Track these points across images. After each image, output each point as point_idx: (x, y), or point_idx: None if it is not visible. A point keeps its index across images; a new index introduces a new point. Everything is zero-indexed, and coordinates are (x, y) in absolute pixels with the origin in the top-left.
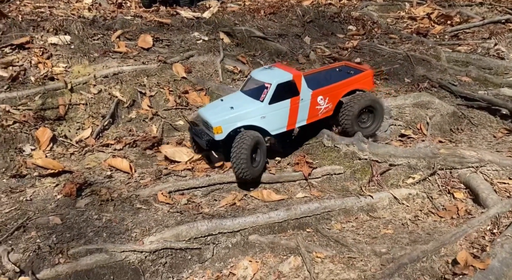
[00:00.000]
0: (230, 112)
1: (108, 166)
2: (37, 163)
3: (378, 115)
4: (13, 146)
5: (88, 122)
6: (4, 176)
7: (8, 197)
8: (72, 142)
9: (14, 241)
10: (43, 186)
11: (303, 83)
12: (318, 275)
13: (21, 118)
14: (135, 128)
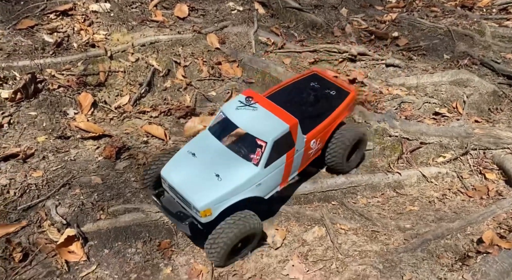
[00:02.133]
0: (219, 186)
1: (145, 132)
2: (79, 126)
3: (362, 148)
4: (58, 109)
5: (126, 90)
6: (51, 136)
7: (55, 156)
8: (111, 107)
9: (61, 196)
10: (85, 148)
11: (299, 131)
12: (341, 245)
13: (65, 83)
14: (169, 97)
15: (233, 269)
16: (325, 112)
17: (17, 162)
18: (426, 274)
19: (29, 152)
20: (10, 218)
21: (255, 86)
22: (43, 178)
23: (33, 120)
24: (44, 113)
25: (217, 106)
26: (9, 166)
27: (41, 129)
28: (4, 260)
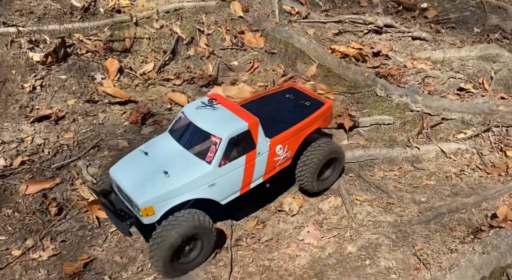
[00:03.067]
0: (165, 182)
1: (168, 99)
2: (107, 91)
3: (339, 166)
4: (86, 73)
5: (150, 57)
6: (80, 100)
7: (84, 119)
8: (137, 74)
9: (91, 157)
10: (112, 112)
11: (260, 131)
12: (356, 215)
13: (93, 48)
14: (192, 66)
15: (251, 232)
16: (295, 119)
17: (50, 123)
18: (437, 245)
19: (60, 114)
20: (45, 175)
21: (277, 57)
22: (74, 139)
23: (63, 84)
24: (73, 77)
25: (239, 76)
26: (42, 127)
27: (71, 93)
28: (41, 213)
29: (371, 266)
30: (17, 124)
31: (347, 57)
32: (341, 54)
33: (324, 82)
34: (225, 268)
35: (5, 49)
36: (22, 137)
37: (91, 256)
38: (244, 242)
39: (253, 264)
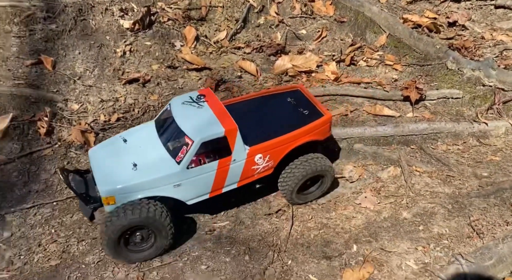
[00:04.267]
0: (131, 175)
1: (239, 67)
2: (185, 58)
3: (326, 181)
4: (168, 40)
5: (223, 25)
6: (162, 65)
7: (166, 83)
8: (211, 42)
9: None
10: (190, 78)
11: (238, 139)
12: (414, 185)
13: (173, 16)
14: (262, 34)
15: None
16: (285, 129)
17: (138, 85)
18: (494, 218)
19: (147, 78)
20: None
21: (346, 26)
22: (158, 101)
23: (148, 50)
24: (156, 44)
25: (306, 45)
26: (132, 88)
27: (155, 58)
28: None
29: (424, 231)
30: (112, 85)
31: (420, 27)
32: (413, 24)
33: (393, 53)
34: (286, 222)
35: (101, 16)
36: (117, 97)
37: None
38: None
39: (312, 220)
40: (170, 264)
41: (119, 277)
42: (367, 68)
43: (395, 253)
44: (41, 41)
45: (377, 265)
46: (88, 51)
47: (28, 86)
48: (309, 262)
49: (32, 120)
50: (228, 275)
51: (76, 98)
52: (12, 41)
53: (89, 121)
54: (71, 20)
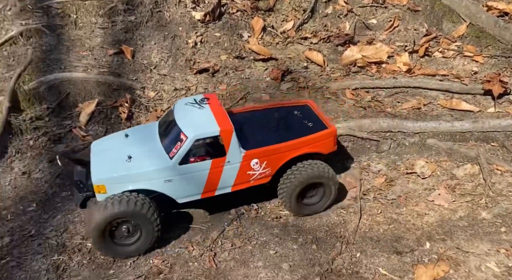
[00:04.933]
0: (123, 166)
1: (305, 57)
2: (252, 48)
3: (329, 192)
4: (236, 31)
5: (291, 15)
6: (230, 56)
7: (234, 73)
8: (278, 32)
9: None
10: (256, 68)
11: (234, 141)
12: (494, 184)
13: (242, 7)
14: (329, 24)
15: (379, 188)
16: (285, 138)
17: (208, 75)
18: None
19: (216, 68)
20: None
21: (420, 15)
22: (227, 91)
23: (217, 41)
24: (225, 34)
25: (376, 35)
26: (202, 78)
27: (223, 49)
28: None
29: (507, 234)
30: (184, 74)
31: (507, 15)
32: (499, 12)
33: (473, 44)
34: (354, 215)
35: (174, 8)
36: (189, 85)
37: None
38: (372, 195)
39: (381, 215)
40: (240, 247)
41: (194, 255)
42: (443, 60)
43: (474, 254)
44: (121, 32)
45: (453, 264)
46: (162, 41)
47: (111, 74)
48: (379, 255)
49: (115, 105)
50: (296, 261)
51: (153, 86)
52: (97, 32)
53: (164, 108)
54: (148, 12)
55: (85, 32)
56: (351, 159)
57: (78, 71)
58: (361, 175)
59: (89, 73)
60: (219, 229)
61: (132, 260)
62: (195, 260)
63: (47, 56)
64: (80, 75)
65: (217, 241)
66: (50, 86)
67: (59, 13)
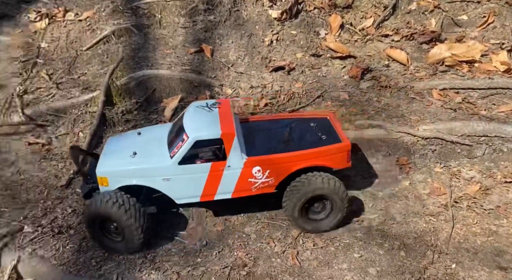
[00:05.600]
0: (127, 161)
1: (386, 55)
2: (329, 46)
3: (337, 208)
4: (312, 29)
5: (371, 12)
6: (306, 54)
7: (310, 71)
8: (356, 29)
9: (316, 105)
10: (333, 66)
11: (235, 145)
12: None
13: (319, 5)
14: (413, 21)
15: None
16: (294, 148)
17: (283, 73)
18: None
19: (291, 66)
20: None
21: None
22: (303, 89)
23: (293, 39)
24: (301, 32)
25: (466, 32)
26: (278, 76)
27: (299, 47)
28: None
29: None
30: (260, 72)
31: None
32: None
33: None
34: (445, 223)
35: (252, 7)
36: (264, 83)
37: None
38: (465, 204)
39: (477, 225)
40: (322, 248)
41: (276, 251)
42: None
43: None
44: (201, 31)
45: None
46: (239, 40)
47: (192, 71)
48: (478, 269)
49: None
50: (384, 267)
51: (230, 83)
52: (179, 31)
53: (241, 105)
54: (227, 11)
55: (168, 31)
56: (438, 163)
57: (163, 69)
58: (451, 181)
59: (173, 70)
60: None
61: (217, 250)
62: (277, 256)
63: (136, 54)
64: (165, 72)
65: (298, 239)
66: (139, 82)
67: (145, 13)
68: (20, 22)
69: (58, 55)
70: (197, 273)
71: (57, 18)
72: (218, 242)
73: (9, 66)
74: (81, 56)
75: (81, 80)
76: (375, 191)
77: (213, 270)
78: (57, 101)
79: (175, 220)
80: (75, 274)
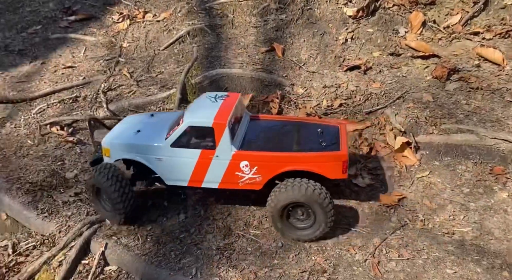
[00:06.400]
0: (129, 137)
1: (477, 55)
2: (410, 45)
3: (320, 218)
4: (391, 27)
5: (457, 8)
6: (384, 52)
7: (389, 71)
8: (440, 27)
9: (397, 107)
10: (414, 66)
11: (226, 136)
12: None
13: (399, 2)
14: (508, 17)
15: None
16: (287, 149)
17: (359, 72)
18: None
19: (368, 65)
20: (356, 118)
21: None
22: (381, 89)
23: (369, 37)
24: (379, 30)
25: None
26: (353, 75)
27: (376, 45)
28: (355, 149)
29: None
30: (334, 71)
31: None
32: None
33: None
34: None
35: (325, 5)
36: (338, 83)
37: (402, 194)
38: None
39: None
40: (408, 259)
41: (357, 258)
42: None
43: None
44: (272, 30)
45: None
46: (311, 39)
47: (263, 70)
48: None
49: (266, 101)
50: None
51: (301, 83)
52: (250, 31)
53: (313, 105)
54: (299, 10)
55: (240, 31)
56: None
57: (235, 68)
58: None
59: (244, 69)
60: (381, 236)
61: (294, 253)
62: (359, 264)
63: (209, 53)
64: (237, 71)
65: (380, 248)
66: (212, 81)
67: (218, 14)
68: (105, 23)
69: (138, 54)
70: (275, 275)
71: (137, 19)
72: (294, 244)
73: (95, 64)
74: (159, 56)
75: (159, 79)
76: (465, 201)
77: (291, 273)
78: (137, 98)
79: (249, 218)
80: (156, 265)
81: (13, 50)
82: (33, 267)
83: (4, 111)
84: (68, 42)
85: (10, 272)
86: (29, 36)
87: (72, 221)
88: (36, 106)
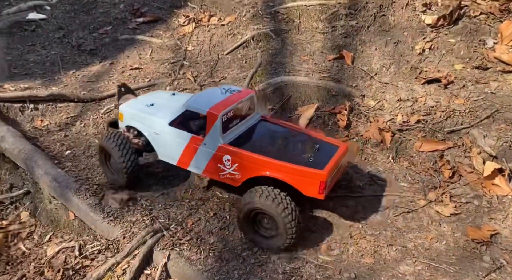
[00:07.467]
0: (141, 108)
1: None
2: (500, 58)
3: (281, 228)
4: (477, 37)
5: None
6: (468, 65)
7: (474, 86)
8: None
9: (485, 128)
10: (506, 82)
11: (216, 127)
12: None
13: (487, 10)
14: None
15: None
16: (272, 156)
17: (439, 86)
18: None
19: (449, 79)
20: (436, 137)
21: None
22: (465, 106)
23: (451, 48)
24: (462, 41)
25: None
26: (432, 89)
27: (458, 57)
28: (434, 171)
29: None
30: (409, 84)
31: None
32: None
33: None
34: None
35: (401, 12)
36: (416, 97)
37: (496, 229)
38: None
39: None
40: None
41: None
42: None
43: None
44: (341, 37)
45: None
46: (384, 47)
47: (331, 79)
48: None
49: (332, 112)
50: None
51: (373, 94)
52: (317, 37)
53: (386, 119)
54: (371, 17)
55: (306, 37)
56: None
57: (301, 76)
58: None
59: (310, 78)
60: (472, 278)
61: None
62: None
63: (273, 59)
64: (302, 79)
65: None
66: (276, 88)
67: (284, 18)
68: (171, 26)
69: (202, 58)
70: None
71: (203, 22)
72: (368, 277)
73: (160, 67)
74: (222, 60)
75: (221, 84)
76: None
77: None
78: None
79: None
80: None
81: (85, 49)
82: (98, 272)
83: (75, 110)
84: (135, 44)
85: (76, 275)
86: (99, 37)
87: (136, 227)
88: (104, 106)
